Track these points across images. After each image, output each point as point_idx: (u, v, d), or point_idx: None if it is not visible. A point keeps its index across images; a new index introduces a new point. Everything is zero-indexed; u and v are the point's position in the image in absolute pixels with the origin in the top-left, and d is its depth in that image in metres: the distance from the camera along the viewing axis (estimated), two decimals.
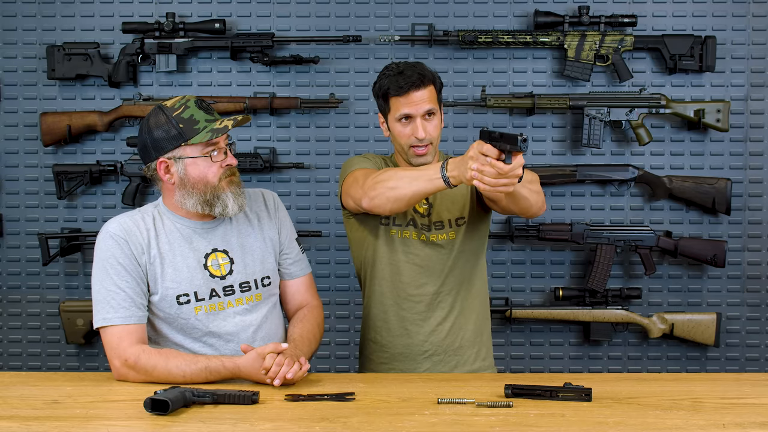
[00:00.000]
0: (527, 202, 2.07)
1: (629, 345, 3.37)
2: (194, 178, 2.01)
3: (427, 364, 2.31)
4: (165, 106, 2.02)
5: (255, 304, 2.11)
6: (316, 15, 3.30)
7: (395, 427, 1.63)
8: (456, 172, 1.94)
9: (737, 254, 3.33)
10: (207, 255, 2.08)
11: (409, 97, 2.17)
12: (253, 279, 2.11)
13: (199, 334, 2.06)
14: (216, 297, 2.06)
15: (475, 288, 2.35)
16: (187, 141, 1.99)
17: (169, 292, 2.03)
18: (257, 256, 2.13)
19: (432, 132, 2.20)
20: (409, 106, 2.18)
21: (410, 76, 2.17)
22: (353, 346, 3.35)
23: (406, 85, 2.16)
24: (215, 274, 2.07)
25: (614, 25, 3.20)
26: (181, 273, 2.04)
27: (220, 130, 2.00)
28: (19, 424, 1.66)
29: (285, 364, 1.90)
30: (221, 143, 2.04)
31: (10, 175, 3.35)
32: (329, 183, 3.33)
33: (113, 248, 2.01)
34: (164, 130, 1.99)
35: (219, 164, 2.03)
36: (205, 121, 2.01)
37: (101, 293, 2.01)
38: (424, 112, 2.18)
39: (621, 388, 1.91)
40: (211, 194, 2.02)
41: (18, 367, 3.38)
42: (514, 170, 1.82)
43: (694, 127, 3.25)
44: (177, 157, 2.01)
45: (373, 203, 2.09)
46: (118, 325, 1.99)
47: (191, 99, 2.03)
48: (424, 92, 2.18)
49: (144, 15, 3.30)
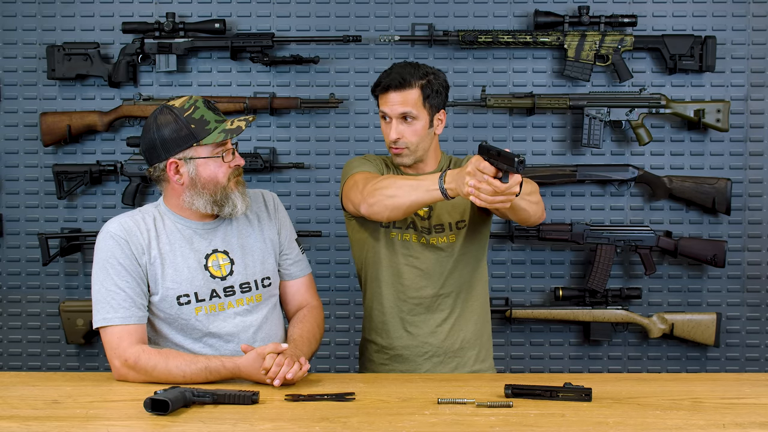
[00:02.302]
0: (526, 213, 2.07)
1: (629, 345, 3.37)
2: (205, 179, 2.01)
3: (427, 366, 2.31)
4: (173, 106, 2.01)
5: (255, 304, 2.11)
6: (316, 15, 3.30)
7: (395, 427, 1.63)
8: (454, 184, 1.95)
9: (737, 254, 3.33)
10: (207, 256, 2.08)
11: (386, 97, 2.20)
12: (253, 280, 2.11)
13: (199, 335, 2.06)
14: (216, 298, 2.06)
15: (475, 290, 2.35)
16: (200, 141, 1.99)
17: (170, 293, 2.03)
18: (257, 257, 2.13)
19: (408, 136, 2.20)
20: (385, 106, 2.21)
21: (392, 77, 2.19)
22: (353, 346, 3.35)
23: (385, 85, 2.19)
24: (216, 275, 2.07)
25: (614, 25, 3.20)
26: (181, 273, 2.04)
27: (233, 130, 2.00)
28: (19, 424, 1.66)
29: (285, 364, 1.90)
30: (229, 144, 2.04)
31: (10, 175, 3.35)
32: (329, 183, 3.33)
33: (114, 248, 2.01)
34: (174, 130, 1.99)
35: (228, 165, 2.03)
36: (215, 121, 2.01)
37: (101, 293, 2.01)
38: (398, 114, 2.18)
39: (621, 388, 1.91)
40: (221, 195, 2.03)
41: (18, 367, 3.38)
42: (510, 189, 1.82)
43: (694, 127, 3.26)
44: (188, 158, 2.00)
45: (371, 210, 2.09)
46: (118, 325, 1.98)
47: (199, 99, 2.03)
48: (402, 95, 2.18)
49: (144, 15, 3.30)
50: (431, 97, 2.21)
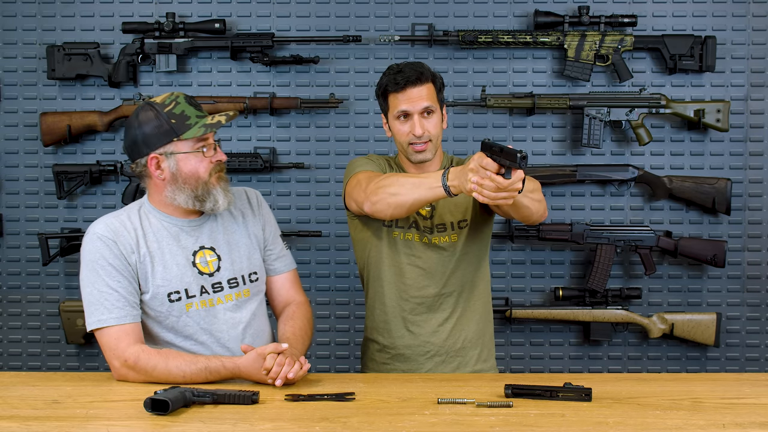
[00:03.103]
0: (528, 211, 2.08)
1: (629, 345, 3.37)
2: (186, 174, 2.02)
3: (429, 365, 2.31)
4: (154, 102, 2.03)
5: (243, 300, 2.12)
6: (316, 15, 3.30)
7: (395, 427, 1.63)
8: (456, 182, 1.95)
9: (737, 254, 3.33)
10: (195, 252, 2.08)
11: (406, 94, 2.19)
12: (240, 275, 2.13)
13: (190, 332, 2.06)
14: (206, 294, 2.07)
15: (477, 290, 2.35)
16: (180, 136, 2.00)
17: (161, 290, 2.03)
18: (244, 252, 2.15)
19: (431, 129, 2.21)
20: (406, 103, 2.19)
21: (408, 74, 2.19)
22: (353, 346, 3.35)
23: (403, 81, 2.19)
24: (204, 271, 2.08)
25: (614, 25, 3.20)
26: (170, 271, 2.04)
27: (213, 125, 2.02)
28: (19, 424, 1.66)
29: (286, 363, 1.90)
30: (210, 139, 2.05)
31: (10, 175, 3.35)
32: (329, 183, 3.33)
33: (102, 249, 2.01)
34: (155, 125, 2.00)
35: (209, 160, 2.04)
36: (195, 117, 2.02)
37: (93, 295, 2.00)
38: (422, 108, 2.19)
39: (621, 388, 1.91)
40: (202, 189, 2.04)
41: (18, 367, 3.38)
42: (513, 185, 1.83)
43: (694, 127, 3.25)
44: (169, 153, 2.01)
45: (374, 208, 2.10)
46: (114, 326, 1.98)
47: (180, 95, 2.04)
48: (422, 89, 2.19)
49: (144, 15, 3.29)
50: (441, 91, 2.25)
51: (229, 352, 2.06)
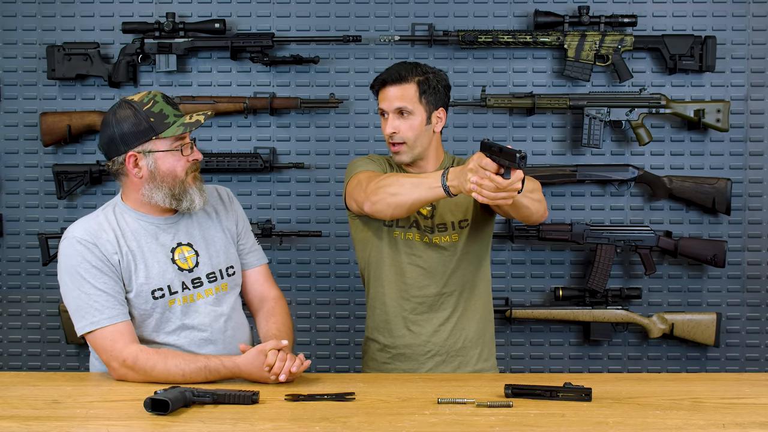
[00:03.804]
0: (528, 211, 2.08)
1: (629, 345, 3.37)
2: (164, 172, 2.03)
3: (430, 365, 2.31)
4: (132, 100, 2.03)
5: (222, 293, 2.14)
6: (316, 15, 3.30)
7: (395, 427, 1.64)
8: (456, 182, 1.96)
9: (737, 254, 3.33)
10: (173, 249, 2.10)
11: (385, 92, 2.24)
12: (218, 269, 2.15)
13: (173, 328, 2.07)
14: (187, 290, 2.09)
15: (478, 290, 2.36)
16: (159, 135, 2.00)
17: (144, 288, 2.04)
18: (220, 247, 2.17)
19: (405, 131, 2.22)
20: (383, 102, 2.24)
21: (389, 73, 2.23)
22: (353, 346, 3.35)
23: (382, 80, 2.24)
24: (183, 267, 2.09)
25: (614, 25, 3.20)
26: (152, 269, 2.05)
27: (192, 124, 2.03)
28: (19, 424, 1.66)
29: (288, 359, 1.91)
30: (187, 138, 2.06)
31: (10, 175, 3.35)
32: (329, 183, 3.33)
33: (83, 253, 2.00)
34: (133, 123, 2.00)
35: (186, 159, 2.05)
36: (173, 116, 2.03)
37: (81, 299, 2.00)
38: (395, 108, 2.21)
39: (621, 388, 1.91)
40: (179, 189, 2.05)
41: (18, 367, 3.38)
42: (512, 185, 1.83)
43: (694, 127, 3.25)
44: (147, 151, 2.01)
45: (374, 208, 2.11)
46: (108, 327, 1.98)
47: (158, 94, 2.05)
48: (398, 89, 2.21)
49: (144, 15, 3.29)
50: (428, 93, 2.22)
51: (213, 345, 2.07)
